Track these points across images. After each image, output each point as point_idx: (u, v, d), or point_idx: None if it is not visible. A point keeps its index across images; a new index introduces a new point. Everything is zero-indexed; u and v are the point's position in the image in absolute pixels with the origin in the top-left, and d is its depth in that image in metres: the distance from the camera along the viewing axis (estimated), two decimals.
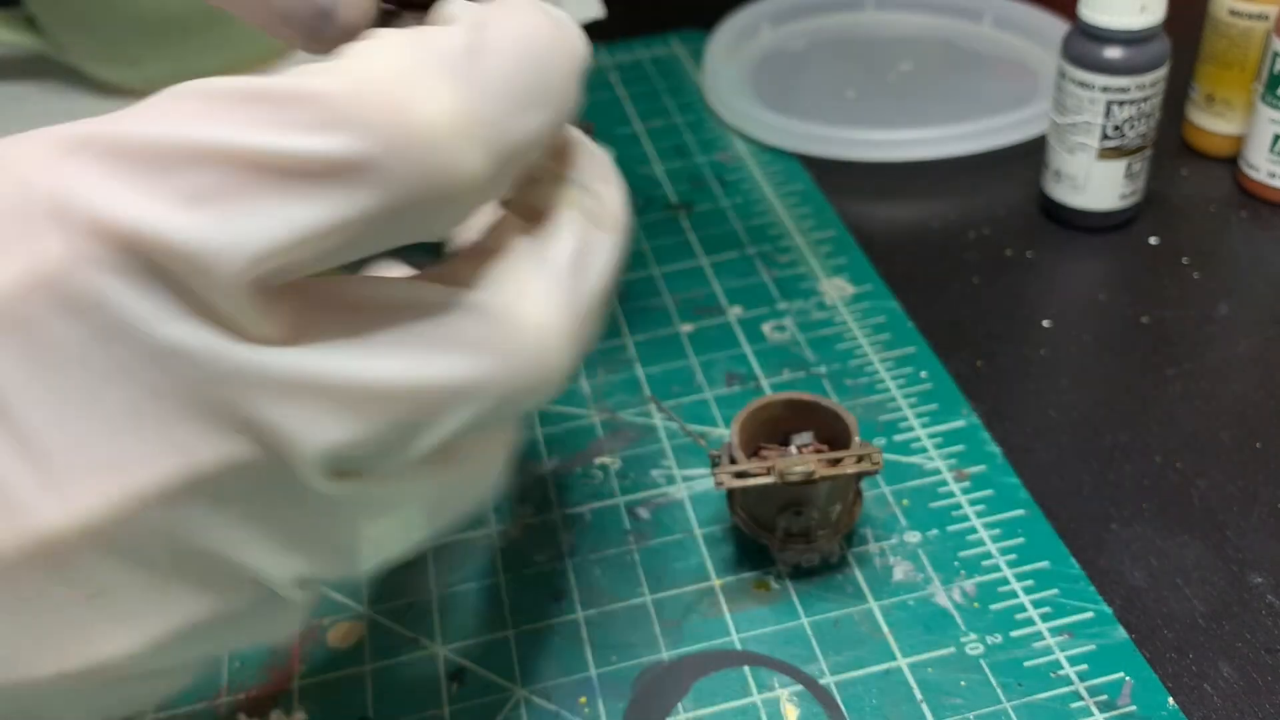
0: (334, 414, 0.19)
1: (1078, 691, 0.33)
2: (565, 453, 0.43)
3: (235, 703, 0.35)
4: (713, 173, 0.59)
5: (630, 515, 0.40)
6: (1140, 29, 0.47)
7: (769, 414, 0.38)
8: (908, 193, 0.56)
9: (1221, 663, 0.34)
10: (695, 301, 0.50)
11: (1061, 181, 0.52)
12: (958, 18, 0.70)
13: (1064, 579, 0.37)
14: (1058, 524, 0.39)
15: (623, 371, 0.47)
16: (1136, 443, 0.42)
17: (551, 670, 0.35)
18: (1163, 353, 0.46)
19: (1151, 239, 0.52)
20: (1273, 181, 0.52)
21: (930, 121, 0.58)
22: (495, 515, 0.40)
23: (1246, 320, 0.47)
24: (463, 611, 0.37)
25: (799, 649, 0.35)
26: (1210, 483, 0.40)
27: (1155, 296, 0.49)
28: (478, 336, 0.20)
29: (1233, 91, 0.54)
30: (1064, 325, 0.47)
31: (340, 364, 0.19)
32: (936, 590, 0.37)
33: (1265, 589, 0.36)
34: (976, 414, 0.43)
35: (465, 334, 0.20)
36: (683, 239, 0.54)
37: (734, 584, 0.37)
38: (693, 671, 0.35)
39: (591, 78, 0.69)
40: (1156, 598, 0.36)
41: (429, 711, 0.34)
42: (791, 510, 0.36)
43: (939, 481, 0.40)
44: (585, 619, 0.37)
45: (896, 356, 0.46)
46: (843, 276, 0.51)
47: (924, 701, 0.33)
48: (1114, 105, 0.49)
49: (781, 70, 0.67)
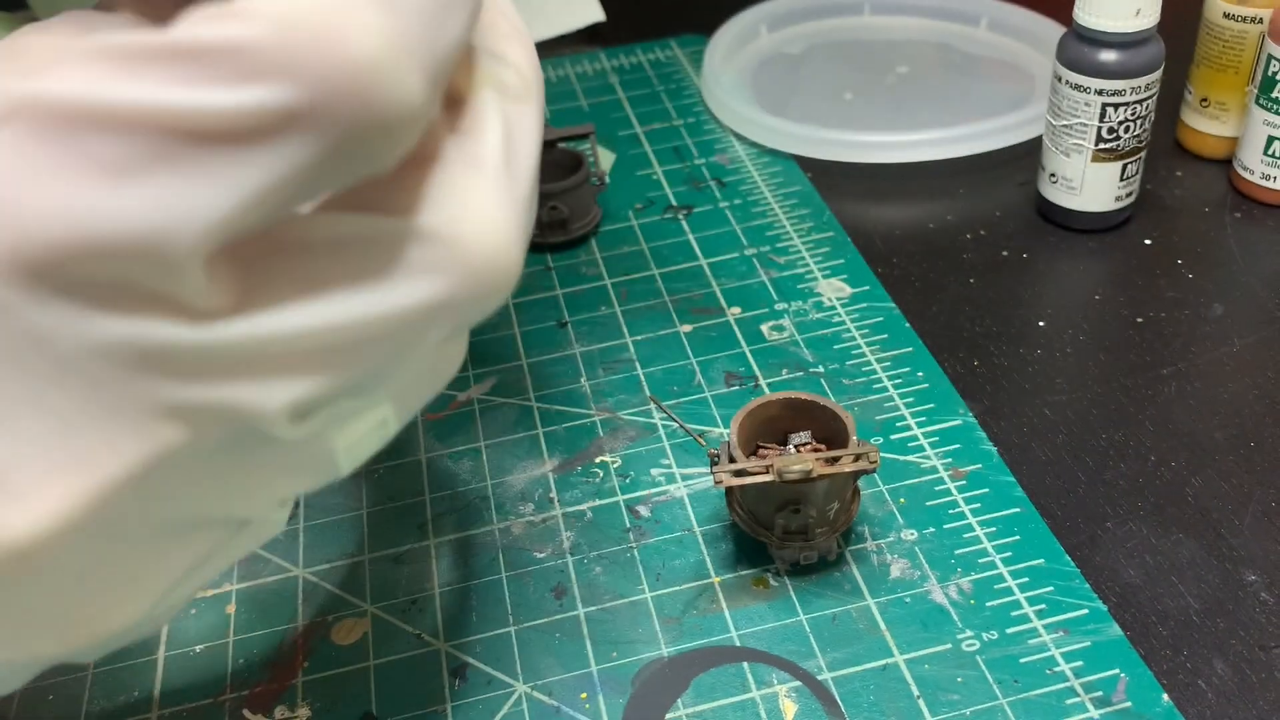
0: (297, 372, 0.18)
1: (1073, 688, 0.34)
2: (566, 452, 0.43)
3: (240, 699, 0.35)
4: (712, 175, 0.59)
5: (630, 513, 0.41)
6: (1135, 32, 0.48)
7: (767, 413, 0.38)
8: (905, 194, 0.57)
9: (1215, 659, 0.35)
10: (695, 302, 0.50)
11: (1057, 183, 0.52)
12: (954, 21, 0.70)
13: (1059, 576, 0.37)
14: (1053, 522, 0.39)
15: (623, 371, 0.47)
16: (1131, 441, 0.42)
17: (552, 666, 0.36)
18: (1157, 353, 0.46)
19: (1146, 240, 0.52)
20: (1266, 183, 0.53)
21: (927, 124, 0.59)
22: (497, 514, 0.41)
23: (1240, 321, 0.47)
24: (465, 608, 0.38)
25: (797, 645, 0.36)
26: (1204, 481, 0.40)
27: (1150, 297, 0.49)
28: (430, 262, 0.19)
29: (1227, 94, 0.55)
30: (1059, 325, 0.48)
31: (296, 322, 0.18)
32: (933, 587, 0.37)
33: (1259, 586, 0.37)
34: (973, 413, 0.43)
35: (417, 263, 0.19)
36: (682, 240, 0.54)
37: (733, 581, 0.38)
38: (692, 667, 0.35)
39: (592, 80, 0.69)
40: (1151, 595, 0.37)
41: (432, 707, 0.35)
42: (790, 508, 0.36)
43: (935, 480, 0.41)
44: (586, 616, 0.37)
45: (893, 356, 0.46)
46: (840, 277, 0.51)
47: (921, 697, 0.34)
48: (1109, 108, 0.49)
49: (780, 73, 0.67)
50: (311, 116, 0.17)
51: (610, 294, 0.51)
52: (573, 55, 0.72)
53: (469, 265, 0.19)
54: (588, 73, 0.70)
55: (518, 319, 0.50)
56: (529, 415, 0.45)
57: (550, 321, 0.50)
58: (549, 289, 0.52)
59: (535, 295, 0.52)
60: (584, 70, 0.70)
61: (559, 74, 0.70)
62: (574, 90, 0.68)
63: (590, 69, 0.70)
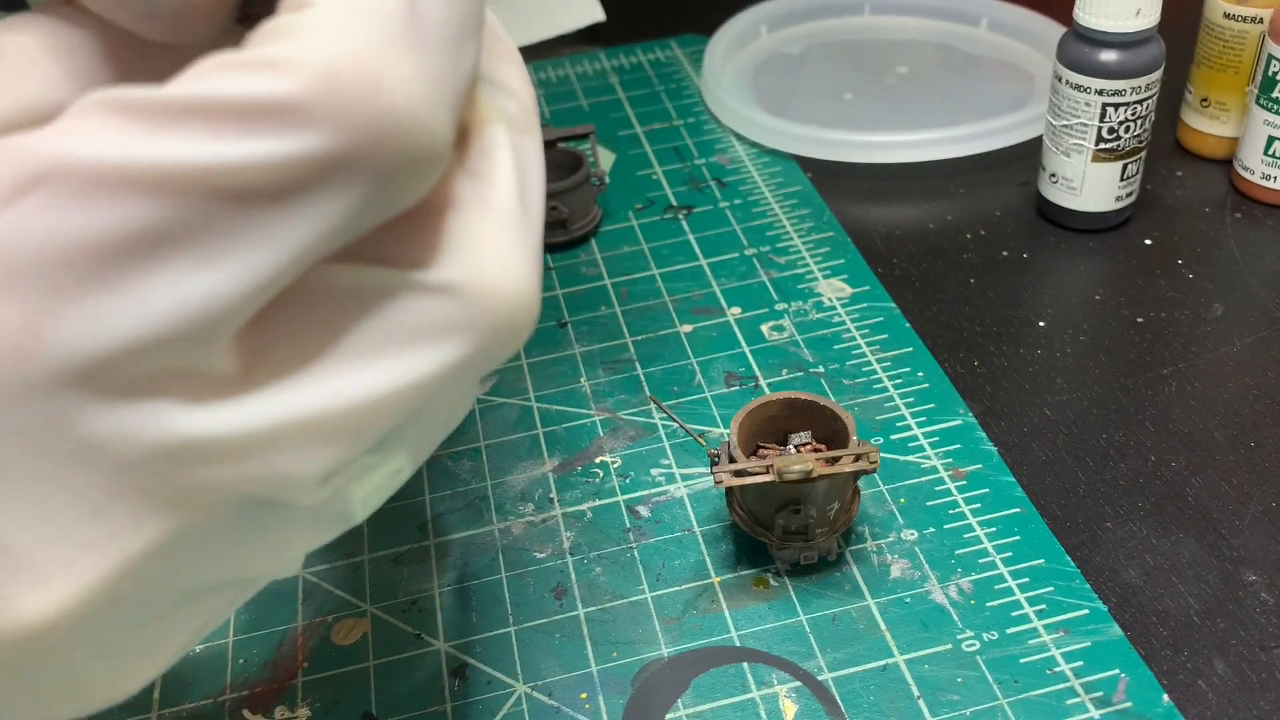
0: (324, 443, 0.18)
1: (1073, 688, 0.34)
2: (566, 452, 0.43)
3: (240, 699, 0.35)
4: (712, 175, 0.59)
5: (630, 513, 0.41)
6: (1135, 32, 0.48)
7: (768, 413, 0.38)
8: (905, 195, 0.57)
9: (1216, 659, 0.35)
10: (695, 302, 0.50)
11: (1057, 183, 0.52)
12: (954, 21, 0.70)
13: (1059, 576, 0.37)
14: (1053, 522, 0.39)
15: (623, 371, 0.47)
16: (1131, 441, 0.42)
17: (552, 667, 0.36)
18: (1157, 352, 0.46)
19: (1146, 240, 0.52)
20: (1267, 183, 0.53)
21: (927, 124, 0.59)
22: (497, 514, 0.41)
23: (1240, 320, 0.47)
24: (465, 609, 0.38)
25: (797, 646, 0.36)
26: (1204, 481, 0.40)
27: (1150, 297, 0.49)
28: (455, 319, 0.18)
29: (1227, 94, 0.55)
30: (1059, 325, 0.48)
31: (323, 396, 0.17)
32: (933, 588, 0.37)
33: (1259, 586, 0.37)
34: (973, 413, 0.43)
35: (443, 321, 0.18)
36: (682, 240, 0.54)
37: (733, 581, 0.38)
38: (692, 668, 0.35)
39: (592, 80, 0.69)
40: (1151, 595, 0.37)
41: (431, 707, 0.35)
42: (790, 508, 0.36)
43: (936, 480, 0.41)
44: (586, 616, 0.37)
45: (894, 356, 0.46)
46: (840, 277, 0.51)
47: (921, 698, 0.34)
48: (1109, 108, 0.49)
49: (780, 73, 0.67)
50: (352, 167, 0.16)
51: (610, 294, 0.51)
52: (573, 55, 0.72)
53: (493, 319, 0.19)
54: (588, 73, 0.70)
55: None
56: (529, 415, 0.45)
57: (550, 321, 0.50)
58: (549, 289, 0.52)
59: None
60: (584, 70, 0.70)
61: (559, 74, 0.70)
62: (574, 90, 0.68)
63: (590, 69, 0.70)
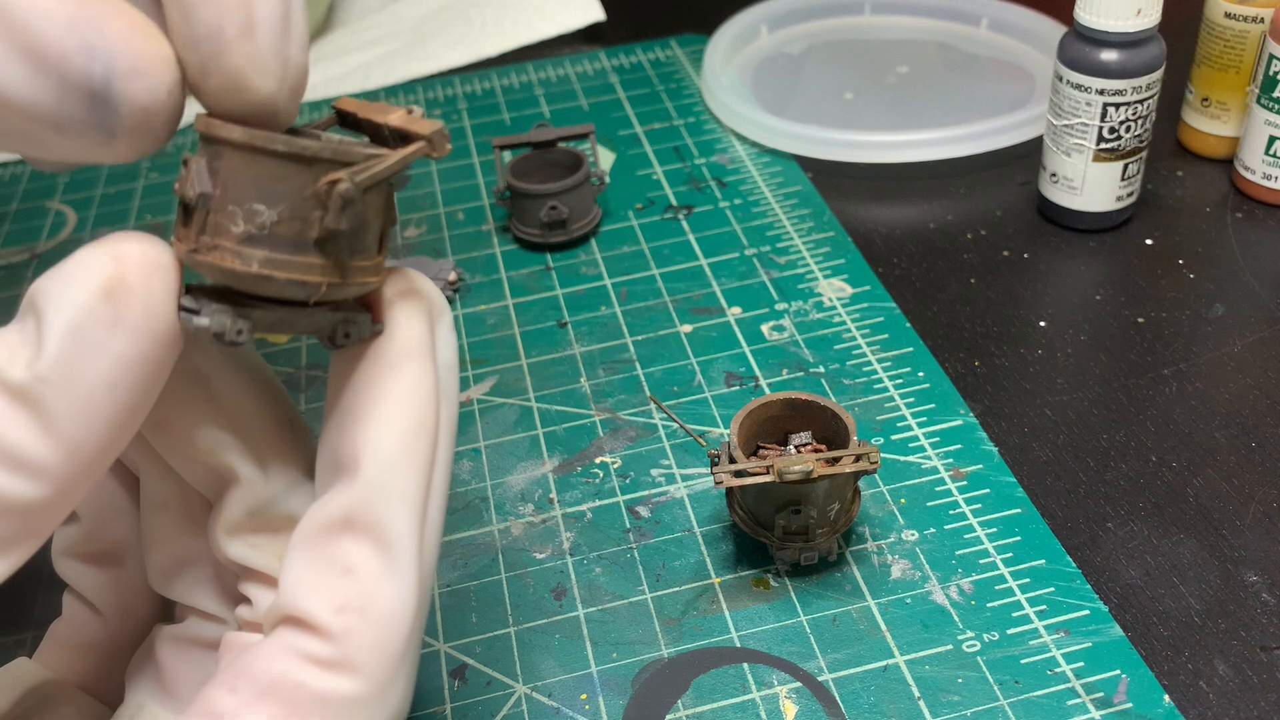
0: None
1: (1074, 689, 0.34)
2: (566, 452, 0.43)
3: None
4: (712, 174, 0.59)
5: (630, 514, 0.40)
6: (1136, 32, 0.48)
7: (768, 413, 0.38)
8: (905, 194, 0.57)
9: (1217, 660, 0.35)
10: (695, 302, 0.50)
11: (1058, 183, 0.52)
12: (955, 21, 0.70)
13: (1060, 577, 0.37)
14: (1054, 522, 0.39)
15: (623, 371, 0.47)
16: (1132, 442, 0.42)
17: (552, 667, 0.36)
18: (1158, 353, 0.46)
19: (1147, 240, 0.52)
20: (1268, 183, 0.53)
21: (927, 124, 0.59)
22: (497, 514, 0.41)
23: (1241, 320, 0.47)
24: (465, 609, 0.38)
25: (798, 646, 0.36)
26: (1205, 481, 0.40)
27: (1151, 297, 0.49)
28: None
29: (1228, 94, 0.55)
30: (1060, 325, 0.48)
31: None
32: (934, 588, 0.37)
33: (1260, 587, 0.36)
34: (973, 413, 0.43)
35: None
36: (683, 240, 0.54)
37: (733, 582, 0.38)
38: (692, 668, 0.35)
39: (592, 80, 0.69)
40: (1152, 595, 0.37)
41: (431, 708, 0.35)
42: (790, 509, 0.36)
43: (936, 480, 0.41)
44: (586, 616, 0.37)
45: (894, 356, 0.46)
46: (841, 277, 0.51)
47: (921, 699, 0.34)
48: (1110, 108, 0.49)
49: (780, 73, 0.67)
50: None
51: (610, 294, 0.51)
52: (573, 55, 0.72)
53: None
54: (588, 73, 0.70)
55: (518, 319, 0.50)
56: (529, 415, 0.45)
57: (550, 321, 0.50)
58: (549, 289, 0.52)
59: (535, 295, 0.52)
60: (584, 70, 0.70)
61: (559, 74, 0.70)
62: (574, 90, 0.68)
63: (590, 69, 0.70)
